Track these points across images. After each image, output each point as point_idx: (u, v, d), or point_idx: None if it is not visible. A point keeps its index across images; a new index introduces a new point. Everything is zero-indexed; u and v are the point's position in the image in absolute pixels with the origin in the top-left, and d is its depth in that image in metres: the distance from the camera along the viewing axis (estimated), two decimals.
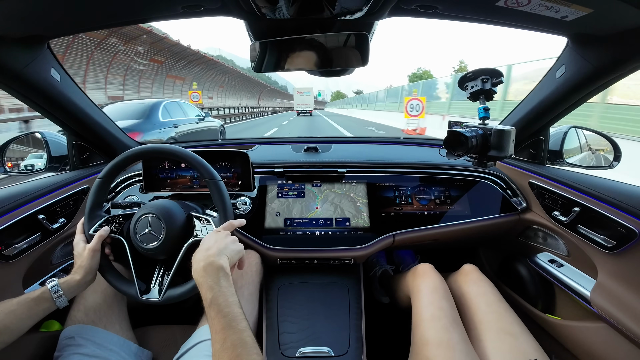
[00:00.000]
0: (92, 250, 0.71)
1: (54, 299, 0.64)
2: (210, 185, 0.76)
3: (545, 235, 1.03)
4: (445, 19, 0.76)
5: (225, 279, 0.59)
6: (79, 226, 0.77)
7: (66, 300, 0.66)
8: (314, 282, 1.03)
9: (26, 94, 0.85)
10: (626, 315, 0.70)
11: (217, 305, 0.54)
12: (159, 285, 0.75)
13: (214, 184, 0.75)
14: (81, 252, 0.71)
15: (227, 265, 0.61)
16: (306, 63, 0.84)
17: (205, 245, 0.65)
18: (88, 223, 0.76)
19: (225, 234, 0.69)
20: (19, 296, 0.63)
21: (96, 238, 0.73)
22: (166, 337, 0.90)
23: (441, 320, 0.73)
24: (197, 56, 17.89)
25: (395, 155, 1.31)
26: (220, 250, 0.63)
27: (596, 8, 0.59)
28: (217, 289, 0.56)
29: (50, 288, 0.64)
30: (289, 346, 0.85)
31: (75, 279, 0.68)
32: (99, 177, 0.78)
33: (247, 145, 1.35)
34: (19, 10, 0.63)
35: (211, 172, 0.76)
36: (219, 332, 0.50)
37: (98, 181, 0.78)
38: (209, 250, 0.63)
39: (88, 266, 0.70)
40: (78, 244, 0.73)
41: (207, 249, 0.63)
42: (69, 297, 0.66)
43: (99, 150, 1.14)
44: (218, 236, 0.67)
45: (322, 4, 0.66)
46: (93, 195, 0.77)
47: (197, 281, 0.59)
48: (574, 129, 1.06)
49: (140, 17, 0.81)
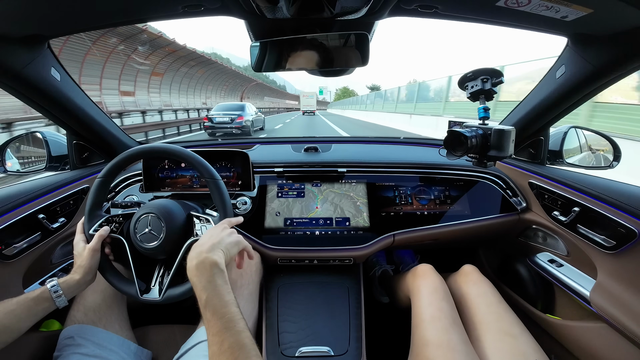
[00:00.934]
0: (92, 250, 0.71)
1: (54, 298, 0.64)
2: (210, 185, 0.76)
3: (545, 235, 1.03)
4: (445, 19, 0.76)
5: (220, 276, 0.56)
6: (78, 226, 0.77)
7: (66, 300, 0.66)
8: (313, 281, 1.03)
9: (26, 94, 0.85)
10: (626, 315, 0.71)
11: (213, 306, 0.51)
12: (159, 284, 0.75)
13: (213, 184, 0.75)
14: (81, 251, 0.71)
15: (221, 261, 0.58)
16: (306, 63, 0.84)
17: (199, 242, 0.62)
18: (88, 223, 0.76)
19: (220, 227, 0.66)
20: (19, 296, 0.63)
21: (96, 238, 0.73)
22: (166, 337, 0.90)
23: (441, 321, 0.73)
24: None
25: (395, 155, 1.31)
26: (214, 245, 0.60)
27: (596, 8, 0.59)
28: (210, 288, 0.53)
29: (49, 288, 0.64)
30: (289, 346, 0.85)
31: (75, 278, 0.68)
32: (99, 177, 0.78)
33: (247, 145, 1.35)
34: (19, 10, 0.63)
35: (211, 171, 0.76)
36: (215, 335, 0.48)
37: (98, 181, 0.78)
38: (202, 246, 0.60)
39: (88, 266, 0.70)
40: (78, 244, 0.73)
41: (200, 245, 0.61)
42: (68, 297, 0.66)
43: (99, 149, 1.14)
44: (213, 231, 0.65)
45: (322, 4, 0.66)
46: (93, 194, 0.77)
47: (191, 281, 0.56)
48: (573, 129, 1.06)
49: (140, 16, 0.81)
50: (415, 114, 13.11)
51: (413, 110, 13.66)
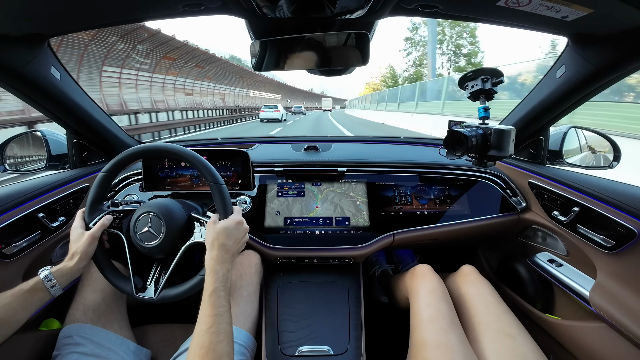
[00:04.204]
0: (92, 236, 0.70)
1: (48, 288, 0.64)
2: (213, 189, 0.75)
3: (545, 235, 1.03)
4: (446, 19, 0.76)
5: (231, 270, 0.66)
6: (79, 213, 0.76)
7: (60, 288, 0.65)
8: (313, 281, 1.03)
9: (26, 92, 0.85)
10: (625, 315, 0.71)
11: (217, 295, 0.59)
12: (155, 284, 0.75)
13: (216, 188, 0.74)
14: (77, 237, 0.70)
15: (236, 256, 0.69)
16: (306, 62, 0.84)
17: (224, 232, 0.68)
18: (89, 216, 0.75)
19: (245, 229, 0.73)
20: (12, 289, 0.62)
21: (99, 225, 0.72)
22: (166, 336, 0.90)
23: (439, 322, 0.72)
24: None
25: (395, 155, 1.31)
26: (237, 242, 0.69)
27: (596, 8, 0.59)
28: (224, 280, 0.62)
29: (42, 278, 0.64)
30: (289, 345, 0.85)
31: (69, 266, 0.67)
32: (102, 172, 0.78)
33: (247, 144, 1.35)
34: (19, 8, 0.63)
35: (215, 176, 0.75)
36: (208, 316, 0.56)
37: (101, 175, 0.77)
38: (229, 238, 0.67)
39: (84, 253, 0.69)
40: (76, 229, 0.72)
41: (228, 237, 0.67)
42: (62, 285, 0.66)
43: (99, 148, 1.14)
44: (238, 226, 0.70)
45: (322, 3, 0.66)
46: (95, 189, 0.77)
47: (211, 268, 0.63)
48: (573, 129, 1.06)
49: (140, 15, 0.81)
50: None
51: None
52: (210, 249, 0.66)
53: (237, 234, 0.69)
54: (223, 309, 0.58)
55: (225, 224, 0.69)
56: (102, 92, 11.84)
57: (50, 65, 0.84)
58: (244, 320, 0.82)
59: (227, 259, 0.65)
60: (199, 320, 0.57)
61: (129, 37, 11.43)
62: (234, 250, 0.68)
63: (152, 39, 12.47)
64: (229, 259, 0.66)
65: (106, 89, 12.12)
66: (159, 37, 12.61)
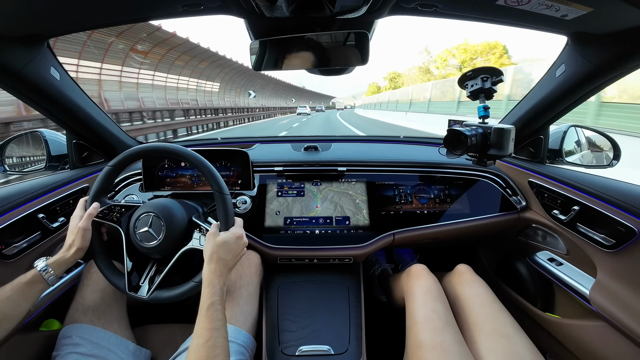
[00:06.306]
0: (82, 229, 0.71)
1: (46, 279, 0.65)
2: (218, 198, 0.74)
3: (545, 234, 1.03)
4: (446, 18, 0.76)
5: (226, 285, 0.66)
6: (80, 201, 0.76)
7: (56, 277, 0.67)
8: (313, 280, 1.03)
9: (26, 93, 0.84)
10: (625, 314, 0.71)
11: (214, 309, 0.60)
12: (149, 283, 0.75)
13: (221, 198, 0.74)
14: (74, 228, 0.71)
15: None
16: (306, 62, 0.84)
17: (223, 246, 0.68)
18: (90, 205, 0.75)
19: (244, 243, 0.73)
20: (10, 282, 0.63)
21: (86, 216, 0.72)
22: (165, 336, 0.90)
23: (434, 322, 0.72)
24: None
25: (395, 154, 1.31)
26: (235, 257, 0.70)
27: (596, 7, 0.59)
28: (221, 293, 0.62)
29: (39, 270, 0.65)
30: (289, 344, 0.85)
31: (66, 257, 0.69)
32: (109, 165, 0.78)
33: (246, 144, 1.35)
34: (19, 9, 0.63)
35: (221, 185, 0.75)
36: (205, 330, 0.57)
37: (107, 169, 0.78)
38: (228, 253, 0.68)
39: (80, 245, 0.70)
40: (74, 218, 0.73)
41: (227, 251, 0.68)
42: (58, 275, 0.67)
43: (99, 149, 1.14)
44: (237, 241, 0.71)
45: (321, 2, 0.66)
46: (100, 181, 0.77)
47: (209, 280, 0.63)
48: (573, 127, 1.06)
49: (140, 15, 0.81)
50: None
51: None
52: (208, 262, 0.66)
53: (236, 249, 0.70)
54: (220, 322, 0.59)
55: (226, 237, 0.69)
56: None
57: (49, 65, 0.84)
58: (243, 320, 0.82)
59: (225, 272, 0.66)
60: (196, 334, 0.57)
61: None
62: (231, 265, 0.69)
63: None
64: (226, 273, 0.67)
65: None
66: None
